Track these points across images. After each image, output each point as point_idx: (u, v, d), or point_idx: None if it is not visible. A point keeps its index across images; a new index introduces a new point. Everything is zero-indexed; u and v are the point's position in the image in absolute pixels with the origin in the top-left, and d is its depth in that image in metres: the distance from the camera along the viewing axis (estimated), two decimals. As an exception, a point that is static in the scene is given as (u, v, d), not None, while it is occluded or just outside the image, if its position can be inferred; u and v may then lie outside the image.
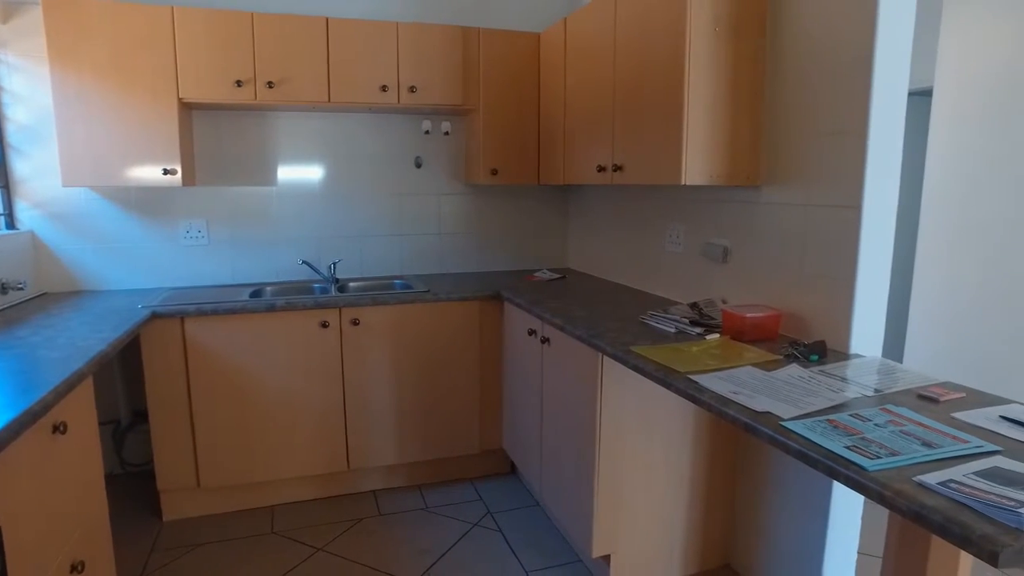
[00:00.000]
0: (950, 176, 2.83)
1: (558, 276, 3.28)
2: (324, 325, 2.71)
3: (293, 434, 2.74)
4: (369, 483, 2.97)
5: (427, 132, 3.31)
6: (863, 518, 2.00)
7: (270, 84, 2.72)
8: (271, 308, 2.60)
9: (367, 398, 2.83)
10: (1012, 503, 0.97)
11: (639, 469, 2.17)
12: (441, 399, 2.94)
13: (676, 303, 2.53)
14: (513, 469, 3.15)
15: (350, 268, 3.31)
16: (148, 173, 2.63)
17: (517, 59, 3.10)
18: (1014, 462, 1.15)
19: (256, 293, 2.92)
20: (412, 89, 2.96)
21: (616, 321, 2.26)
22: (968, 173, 2.74)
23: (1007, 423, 1.34)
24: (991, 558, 0.91)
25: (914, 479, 1.09)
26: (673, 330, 2.10)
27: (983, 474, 1.10)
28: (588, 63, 2.63)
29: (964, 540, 0.95)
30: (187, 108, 2.85)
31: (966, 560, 1.31)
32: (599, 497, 2.12)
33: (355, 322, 2.75)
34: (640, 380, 2.09)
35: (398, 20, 3.06)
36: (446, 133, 3.35)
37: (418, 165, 3.34)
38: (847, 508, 1.95)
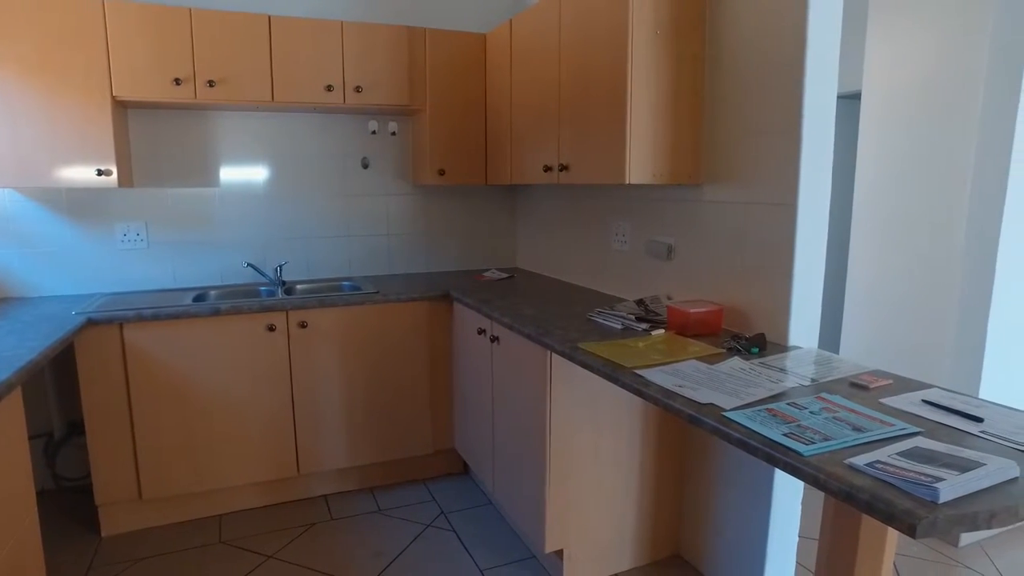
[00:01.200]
0: (878, 175, 2.97)
1: (507, 275, 3.31)
2: (271, 328, 2.66)
3: (241, 440, 2.67)
4: (320, 487, 2.93)
5: (374, 132, 3.29)
6: (803, 503, 2.08)
7: (211, 83, 2.65)
8: (215, 312, 2.54)
9: (316, 401, 2.79)
10: (929, 479, 1.04)
11: (589, 464, 2.20)
12: (392, 401, 2.92)
13: (623, 300, 2.58)
14: (466, 469, 3.16)
15: (297, 270, 3.26)
16: (80, 174, 2.53)
17: (463, 59, 3.10)
18: (932, 441, 1.22)
19: (200, 297, 2.84)
20: (358, 89, 2.93)
21: (564, 319, 2.29)
22: (894, 172, 2.88)
23: (928, 406, 1.43)
24: (910, 530, 0.97)
25: (845, 462, 1.15)
26: (620, 326, 2.15)
27: (905, 454, 1.16)
28: (533, 64, 2.66)
29: (888, 516, 1.01)
30: (122, 106, 2.76)
31: (892, 535, 1.39)
32: (550, 493, 2.15)
33: (303, 325, 2.71)
34: (589, 376, 2.13)
35: (343, 19, 3.02)
36: (393, 133, 3.33)
37: (365, 166, 3.31)
38: (788, 494, 2.03)
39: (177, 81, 2.61)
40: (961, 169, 2.58)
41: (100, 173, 2.54)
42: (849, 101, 3.60)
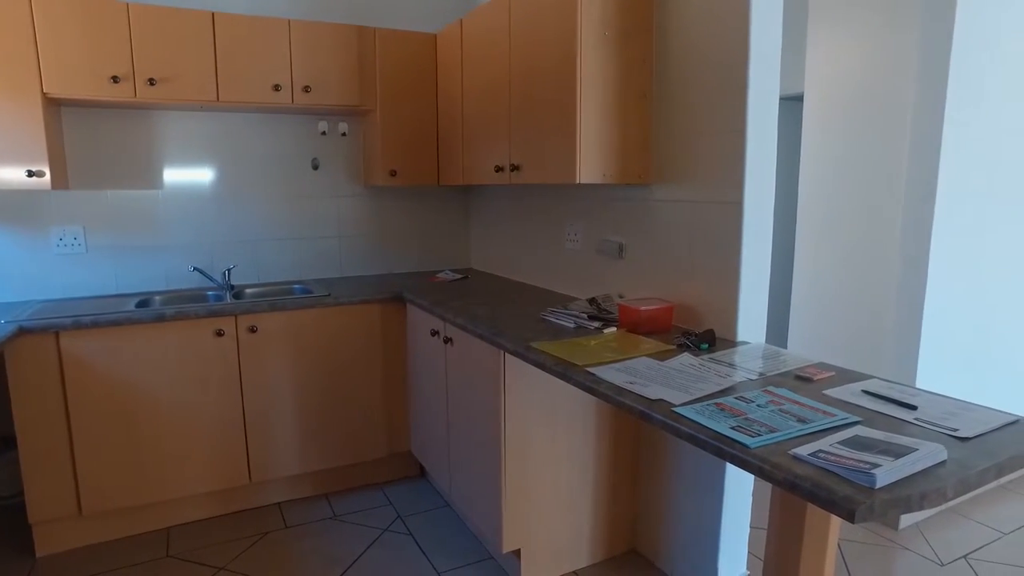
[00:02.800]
0: (820, 174, 3.07)
1: (461, 276, 3.30)
2: (219, 334, 2.58)
3: (189, 449, 2.59)
4: (273, 495, 2.86)
5: (324, 133, 3.23)
6: (754, 495, 2.14)
7: (151, 81, 2.56)
8: (160, 318, 2.46)
9: (268, 407, 2.72)
10: (867, 465, 1.08)
11: (545, 463, 2.21)
12: (346, 405, 2.87)
13: (576, 299, 2.60)
14: (423, 472, 3.13)
15: (246, 274, 3.18)
16: (9, 175, 2.41)
17: (414, 59, 3.08)
18: (871, 430, 1.27)
19: (143, 303, 2.75)
20: (306, 89, 2.88)
21: (517, 319, 2.29)
22: (835, 171, 2.98)
23: (867, 396, 1.48)
24: (849, 516, 1.00)
25: (789, 452, 1.18)
26: (572, 325, 2.16)
27: (846, 442, 1.20)
28: (484, 64, 2.66)
29: (829, 503, 1.04)
30: (55, 104, 2.64)
31: (835, 522, 1.44)
32: (507, 493, 2.15)
33: (252, 329, 2.64)
34: (543, 376, 2.14)
35: (289, 17, 2.96)
36: (343, 134, 3.28)
37: (315, 167, 3.25)
38: (739, 487, 2.08)
39: (115, 79, 2.51)
40: (896, 167, 2.69)
41: (31, 174, 2.43)
42: (793, 103, 3.71)
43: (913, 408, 1.40)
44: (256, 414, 2.70)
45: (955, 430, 1.27)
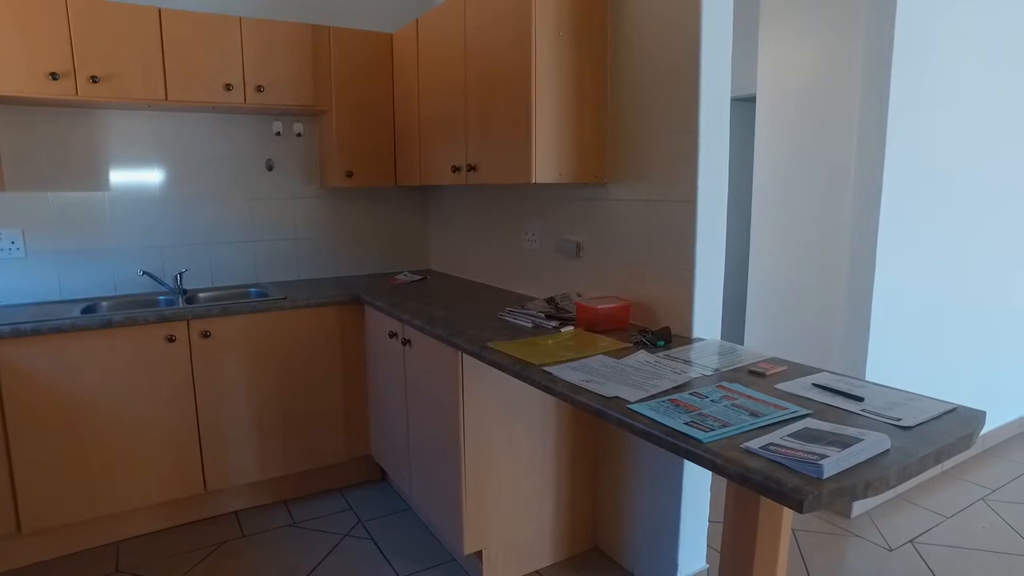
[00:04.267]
0: (773, 174, 3.14)
1: (420, 278, 3.27)
2: (171, 339, 2.51)
3: (139, 460, 2.51)
4: (230, 504, 2.80)
5: (278, 133, 3.17)
6: (712, 489, 2.17)
7: (94, 79, 2.47)
8: (107, 324, 2.38)
9: (223, 414, 2.66)
10: (815, 456, 1.10)
11: (505, 463, 2.21)
12: (304, 409, 2.82)
13: (534, 299, 2.60)
14: (384, 475, 3.10)
15: (199, 278, 3.10)
16: (-56, 178, 2.30)
17: (370, 59, 3.05)
18: (820, 422, 1.30)
19: (89, 309, 2.65)
20: (259, 88, 2.82)
21: (475, 319, 2.29)
22: (787, 171, 3.05)
23: (817, 389, 1.52)
24: (798, 506, 1.02)
25: (741, 446, 1.20)
26: (530, 325, 2.17)
27: (796, 435, 1.23)
28: (440, 64, 2.65)
29: (779, 494, 1.06)
30: (-9, 104, 2.54)
31: (788, 513, 1.46)
32: (467, 494, 2.14)
33: (206, 334, 2.58)
34: (502, 376, 2.14)
35: (241, 15, 2.90)
36: (299, 135, 3.22)
37: (270, 168, 3.19)
38: (697, 482, 2.11)
39: (54, 76, 2.41)
40: (845, 168, 2.76)
41: (-33, 177, 2.32)
42: (748, 104, 3.79)
43: (860, 400, 1.44)
44: (211, 421, 2.64)
45: (898, 420, 1.31)
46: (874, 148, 2.56)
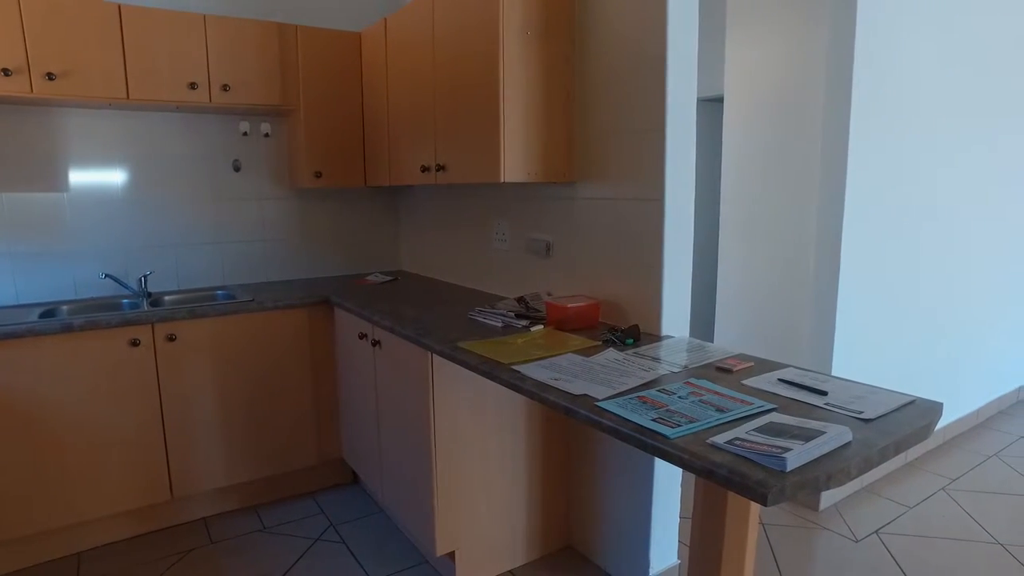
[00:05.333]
0: (741, 174, 3.18)
1: (390, 278, 3.25)
2: (134, 343, 2.46)
3: (102, 467, 2.45)
4: (198, 510, 2.74)
5: (245, 134, 3.13)
6: (683, 485, 2.19)
7: (50, 75, 2.41)
8: (67, 329, 2.31)
9: (190, 419, 2.61)
10: (778, 450, 1.12)
11: (477, 463, 2.20)
12: (273, 413, 2.78)
13: (504, 298, 2.60)
14: (355, 478, 3.07)
15: (165, 281, 3.04)
16: None
17: (338, 58, 3.02)
18: (785, 416, 1.32)
19: (48, 313, 2.58)
20: (225, 88, 2.78)
21: (446, 319, 2.28)
22: (754, 171, 3.10)
23: (783, 384, 1.54)
24: (762, 499, 1.03)
25: (707, 441, 1.21)
26: (500, 324, 2.16)
27: (761, 429, 1.25)
28: (408, 64, 2.63)
29: (743, 488, 1.07)
30: (-57, 103, 2.45)
31: (755, 506, 1.48)
32: (438, 495, 2.13)
33: (171, 338, 2.53)
34: (472, 376, 2.13)
35: (205, 12, 2.85)
36: (266, 135, 3.18)
37: (237, 168, 3.14)
38: (668, 478, 2.13)
39: (6, 72, 2.34)
40: (810, 167, 2.81)
41: (-83, 177, 2.24)
42: (718, 104, 3.84)
43: (824, 394, 1.46)
44: (177, 426, 2.58)
45: (860, 412, 1.33)
46: (838, 149, 2.60)
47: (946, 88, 3.02)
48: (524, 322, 2.13)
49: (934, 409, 1.36)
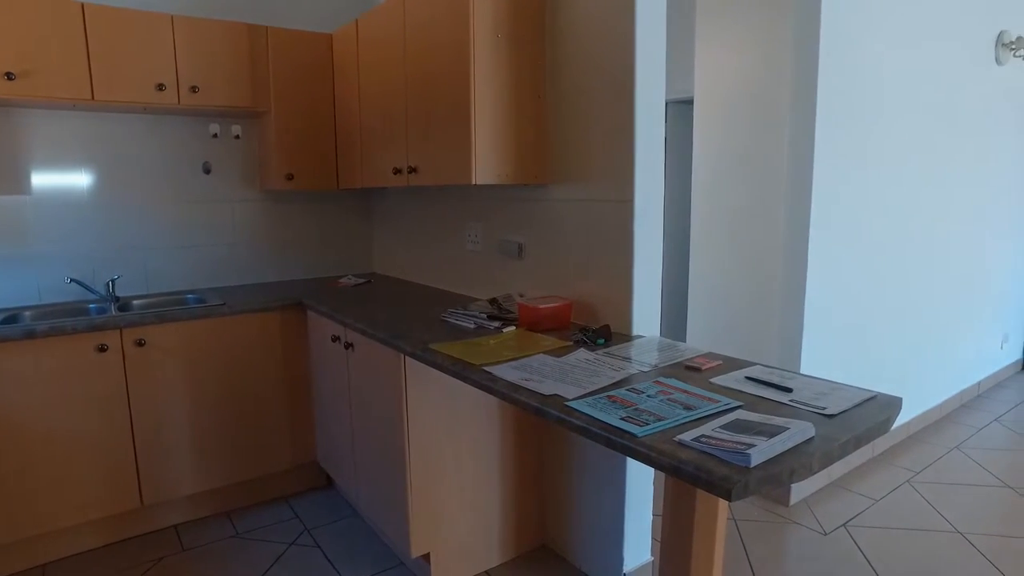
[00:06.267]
0: (711, 175, 3.23)
1: (364, 281, 3.24)
2: (102, 349, 2.42)
3: (69, 476, 2.40)
4: (169, 518, 2.70)
5: (215, 135, 3.09)
6: (656, 483, 2.22)
7: (9, 75, 2.35)
8: (30, 335, 2.27)
9: (160, 425, 2.57)
10: (743, 446, 1.14)
11: (451, 465, 2.21)
12: (245, 417, 2.76)
13: (477, 300, 2.61)
14: (330, 481, 3.05)
15: (134, 285, 2.99)
16: None
17: (310, 60, 3.00)
18: (750, 413, 1.34)
19: (10, 319, 2.53)
20: (194, 89, 2.75)
21: (418, 321, 2.28)
22: (724, 172, 3.15)
23: (750, 382, 1.57)
24: (727, 495, 1.06)
25: (675, 439, 1.23)
26: (472, 326, 2.17)
27: (727, 426, 1.27)
28: (380, 66, 2.63)
29: (709, 484, 1.09)
30: (-102, 103, 2.39)
31: (723, 503, 1.51)
32: (413, 497, 2.13)
33: (140, 343, 2.49)
34: (445, 378, 2.13)
35: (174, 13, 2.81)
36: (237, 136, 3.15)
37: (207, 171, 3.10)
38: (640, 477, 2.15)
39: (-34, 73, 2.29)
40: (777, 168, 2.86)
41: None
42: (689, 106, 3.88)
43: (789, 391, 1.49)
44: (147, 432, 2.55)
45: (823, 408, 1.37)
46: (804, 150, 2.66)
47: (908, 89, 3.09)
48: (496, 323, 2.14)
49: (893, 404, 1.40)
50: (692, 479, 1.13)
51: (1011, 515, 2.71)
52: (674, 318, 4.53)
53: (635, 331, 2.05)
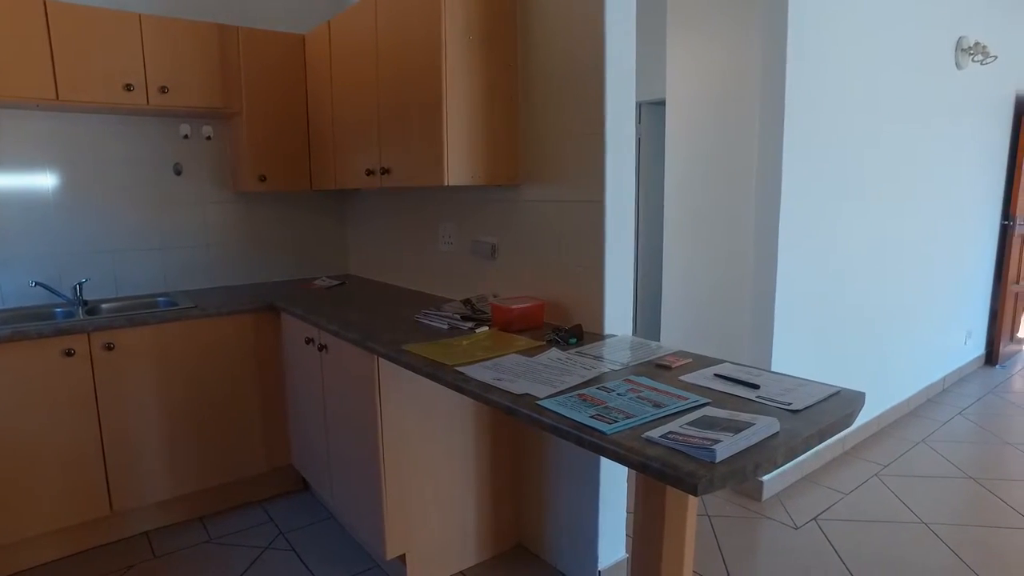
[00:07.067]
0: (683, 176, 3.28)
1: (338, 282, 3.22)
2: (69, 353, 2.37)
3: (35, 483, 2.36)
4: (140, 524, 2.67)
5: (186, 136, 3.05)
6: (629, 481, 2.24)
7: (-28, 78, 2.31)
8: (-6, 340, 2.22)
9: (130, 430, 2.53)
10: (709, 442, 1.16)
11: (425, 466, 2.21)
12: (219, 421, 2.73)
13: (451, 300, 2.62)
14: (305, 485, 3.03)
15: (103, 288, 2.94)
16: None
17: (282, 60, 2.98)
18: (718, 409, 1.37)
19: (-26, 324, 2.47)
20: (163, 89, 2.71)
21: (392, 322, 2.28)
22: (696, 173, 3.19)
23: (719, 379, 1.59)
24: (692, 489, 1.08)
25: (643, 436, 1.25)
26: (446, 326, 2.17)
27: (694, 423, 1.29)
28: (352, 67, 2.62)
29: (676, 480, 1.11)
30: None
31: (693, 498, 1.53)
32: (387, 498, 2.12)
33: (109, 347, 2.45)
34: (419, 379, 2.13)
35: (143, 12, 2.77)
36: (208, 137, 3.11)
37: (178, 172, 3.06)
38: (613, 475, 2.17)
39: (-74, 74, 2.24)
40: (748, 169, 2.91)
41: None
42: (661, 107, 3.93)
43: (756, 387, 1.52)
44: (116, 438, 2.51)
45: (789, 404, 1.40)
46: (773, 151, 2.70)
47: (871, 92, 3.16)
48: (470, 324, 2.15)
49: (857, 399, 1.44)
50: (659, 475, 1.15)
51: (973, 505, 2.78)
52: (649, 317, 4.58)
53: (607, 330, 2.08)
